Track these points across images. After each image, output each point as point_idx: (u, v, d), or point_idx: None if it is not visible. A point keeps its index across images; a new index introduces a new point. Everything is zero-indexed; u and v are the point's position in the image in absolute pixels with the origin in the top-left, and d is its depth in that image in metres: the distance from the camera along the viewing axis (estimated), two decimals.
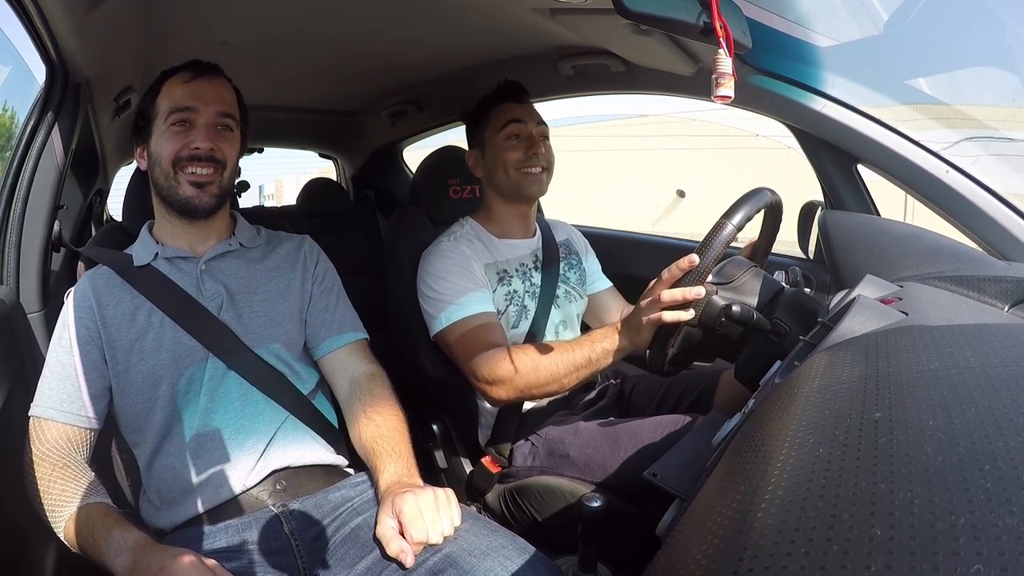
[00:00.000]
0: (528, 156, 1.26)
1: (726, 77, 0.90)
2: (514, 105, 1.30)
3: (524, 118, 1.28)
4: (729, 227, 0.82)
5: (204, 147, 0.93)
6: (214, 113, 0.95)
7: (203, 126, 0.94)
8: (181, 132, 0.94)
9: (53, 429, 0.87)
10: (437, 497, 0.78)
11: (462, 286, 1.17)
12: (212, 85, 0.97)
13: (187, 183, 0.94)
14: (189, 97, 0.94)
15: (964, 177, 1.09)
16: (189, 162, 0.93)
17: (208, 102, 0.95)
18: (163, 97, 0.96)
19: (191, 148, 0.93)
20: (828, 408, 0.40)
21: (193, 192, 0.94)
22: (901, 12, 1.30)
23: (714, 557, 0.30)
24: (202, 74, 0.97)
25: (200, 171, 0.94)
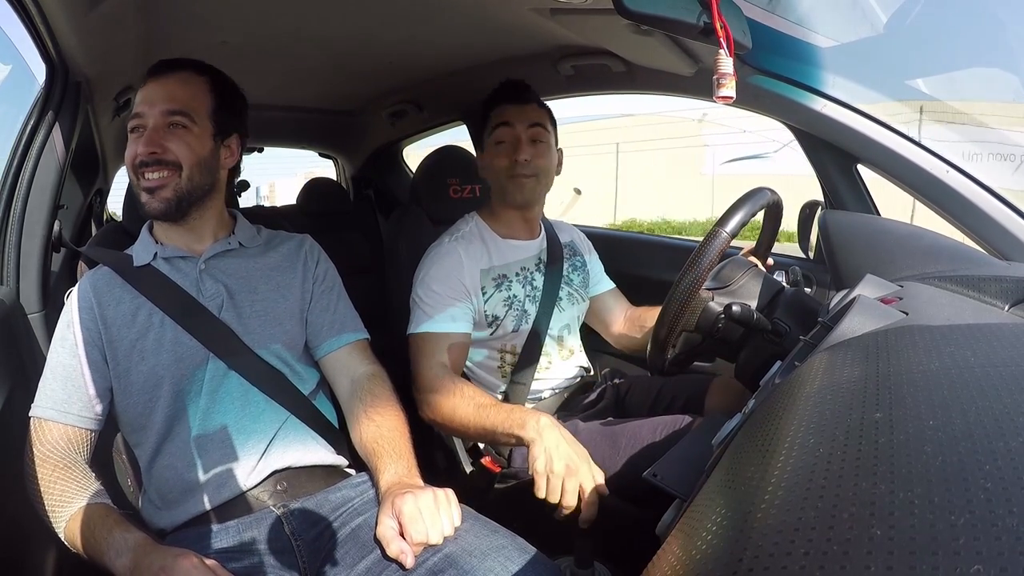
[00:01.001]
0: (511, 162, 1.22)
1: (727, 77, 0.91)
2: (509, 106, 1.25)
3: (513, 120, 1.23)
4: (723, 234, 0.82)
5: (142, 152, 0.91)
6: (159, 113, 0.92)
7: (150, 130, 0.92)
8: (135, 139, 0.93)
9: (54, 430, 0.87)
10: (437, 497, 0.78)
11: (442, 300, 1.17)
12: (161, 84, 0.94)
13: (143, 189, 0.93)
14: (141, 102, 0.93)
15: (964, 177, 1.10)
16: (142, 167, 0.92)
17: (154, 103, 0.92)
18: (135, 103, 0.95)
19: (137, 154, 0.92)
20: (828, 408, 0.40)
21: (146, 198, 0.93)
22: (901, 12, 1.30)
23: (714, 557, 0.30)
24: (156, 75, 0.95)
25: (151, 176, 0.91)
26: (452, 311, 1.17)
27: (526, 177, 1.23)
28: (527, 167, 1.22)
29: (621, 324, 1.41)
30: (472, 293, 1.20)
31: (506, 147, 1.23)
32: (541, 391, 1.30)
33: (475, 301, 1.21)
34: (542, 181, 1.26)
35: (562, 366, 1.32)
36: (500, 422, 1.01)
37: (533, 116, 1.25)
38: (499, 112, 1.26)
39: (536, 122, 1.25)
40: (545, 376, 1.29)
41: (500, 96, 1.28)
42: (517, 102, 1.26)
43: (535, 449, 0.93)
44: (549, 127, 1.27)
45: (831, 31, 1.25)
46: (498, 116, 1.26)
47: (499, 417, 1.01)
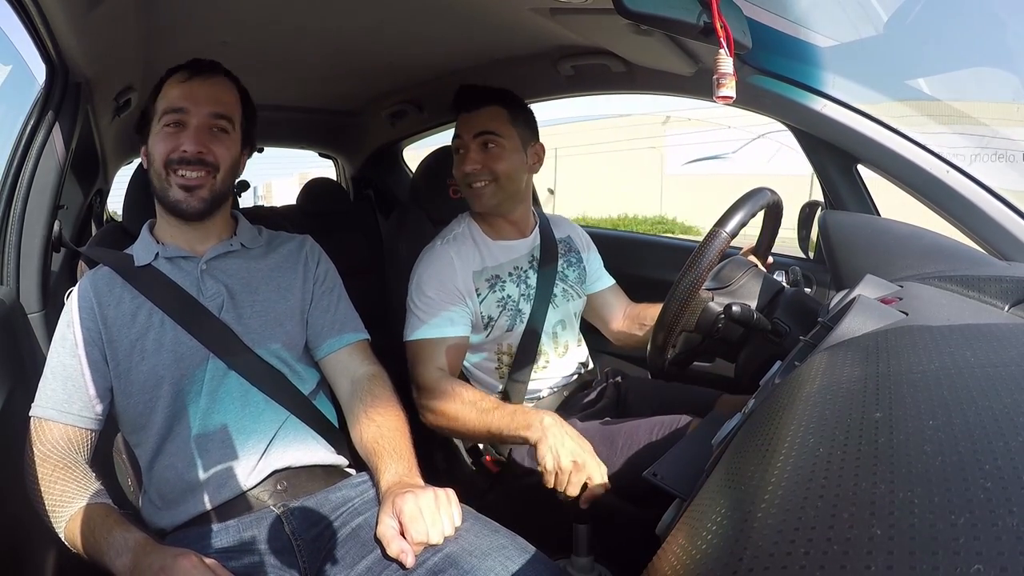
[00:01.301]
0: (461, 174, 1.23)
1: (727, 77, 0.91)
2: (463, 115, 1.24)
3: (461, 131, 1.23)
4: (722, 235, 0.82)
5: (191, 150, 0.92)
6: (206, 114, 0.94)
7: (194, 128, 0.93)
8: (173, 133, 0.93)
9: (54, 429, 0.87)
10: (438, 497, 0.78)
11: (437, 304, 1.17)
12: (207, 85, 0.95)
13: (177, 186, 0.93)
14: (182, 98, 0.93)
15: (964, 177, 1.10)
16: (179, 165, 0.92)
17: (200, 103, 0.94)
18: (161, 97, 0.95)
19: (180, 151, 0.92)
20: (828, 408, 0.40)
21: (182, 196, 0.93)
22: (901, 12, 1.30)
23: (714, 557, 0.30)
24: (198, 73, 0.95)
25: (190, 174, 0.93)
26: (447, 315, 1.17)
27: (482, 185, 1.21)
28: (479, 175, 1.21)
29: (621, 321, 1.41)
30: (467, 295, 1.20)
31: (460, 157, 1.24)
32: (540, 390, 1.30)
33: (470, 303, 1.21)
34: (503, 185, 1.22)
35: (559, 364, 1.31)
36: (505, 424, 1.02)
37: (482, 123, 1.22)
38: (457, 122, 1.26)
39: (484, 130, 1.21)
40: (543, 375, 1.29)
41: (456, 104, 1.26)
42: (467, 110, 1.24)
43: (542, 448, 0.95)
44: (507, 128, 1.23)
45: (831, 31, 1.25)
46: (457, 125, 1.26)
47: (503, 420, 1.03)
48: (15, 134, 1.09)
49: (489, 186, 1.22)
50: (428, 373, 1.13)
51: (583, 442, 0.97)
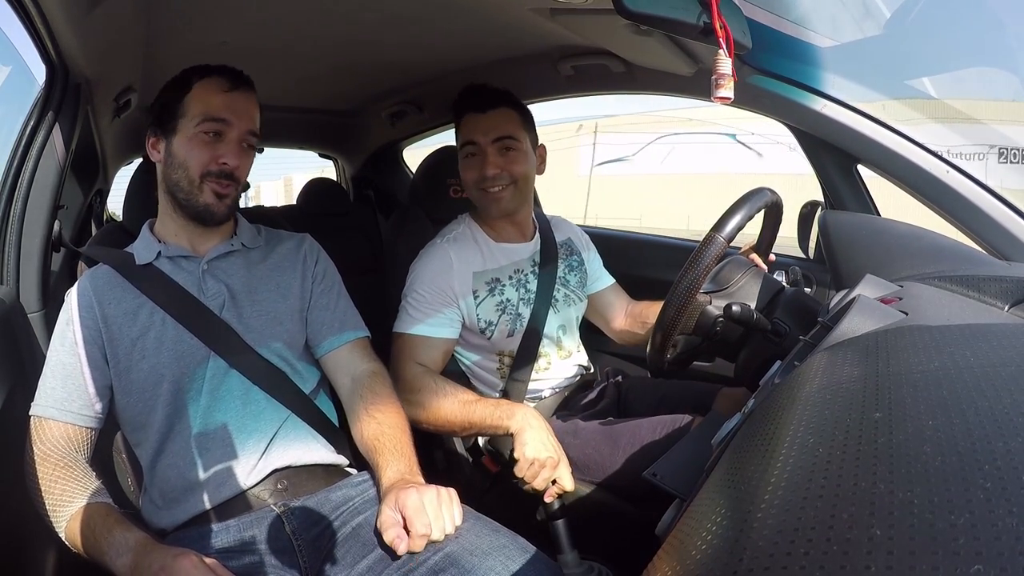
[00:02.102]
0: (480, 178, 1.19)
1: (726, 78, 0.91)
2: (474, 116, 1.21)
3: (476, 136, 1.20)
4: (719, 240, 0.81)
5: (233, 164, 0.94)
6: (245, 131, 0.96)
7: (234, 141, 0.95)
8: (211, 143, 0.93)
9: (54, 428, 0.87)
10: (440, 495, 0.78)
11: (429, 304, 1.17)
12: (246, 99, 0.97)
13: (211, 192, 0.94)
14: (225, 108, 0.94)
15: (964, 177, 1.10)
16: (216, 177, 0.94)
17: (241, 118, 0.95)
18: (196, 99, 0.94)
19: (220, 163, 0.93)
20: (828, 408, 0.40)
21: (214, 200, 0.94)
22: (901, 12, 1.30)
23: (714, 557, 0.30)
24: (240, 86, 0.97)
25: (224, 183, 0.95)
26: (437, 316, 1.17)
27: (502, 188, 1.20)
28: (498, 179, 1.19)
29: (623, 320, 1.41)
30: (460, 297, 1.19)
31: (476, 159, 1.21)
32: (541, 390, 1.30)
33: (463, 305, 1.20)
34: (520, 187, 1.22)
35: (561, 366, 1.31)
36: (488, 415, 1.06)
37: (498, 126, 1.20)
38: (465, 123, 1.23)
39: (502, 134, 1.20)
40: (544, 376, 1.29)
41: (463, 105, 1.23)
42: (479, 110, 1.21)
43: (524, 436, 1.01)
44: (521, 131, 1.22)
45: (831, 31, 1.25)
46: (464, 128, 1.23)
47: (486, 410, 1.06)
48: (15, 134, 1.09)
49: (507, 189, 1.21)
50: (410, 368, 1.14)
51: (558, 444, 1.03)
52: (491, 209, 1.22)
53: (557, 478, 1.01)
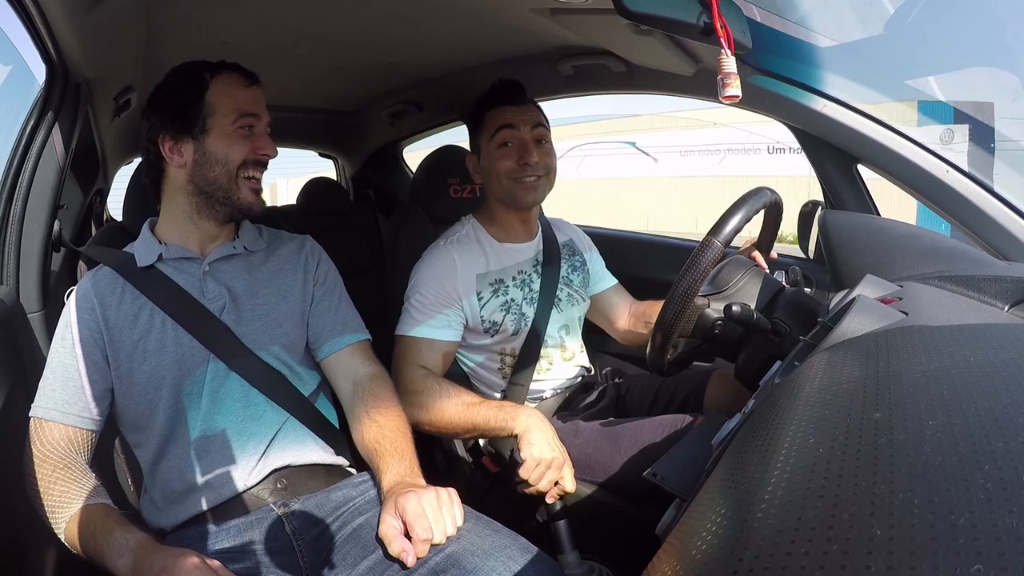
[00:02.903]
0: (520, 165, 1.20)
1: (732, 77, 0.90)
2: (509, 108, 1.23)
3: (516, 123, 1.21)
4: (715, 244, 0.81)
5: (272, 153, 0.97)
6: (267, 122, 0.99)
7: (263, 133, 0.98)
8: (247, 136, 0.95)
9: (54, 430, 0.87)
10: (440, 497, 0.78)
11: (432, 306, 1.17)
12: (261, 93, 1.00)
13: (248, 188, 0.96)
14: (254, 103, 0.97)
15: (964, 177, 1.10)
16: (253, 167, 0.96)
17: (264, 110, 0.99)
18: (221, 96, 0.94)
19: (259, 153, 0.96)
20: (828, 408, 0.40)
21: (254, 199, 0.97)
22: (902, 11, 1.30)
23: (714, 557, 0.30)
24: (256, 82, 0.99)
25: (257, 176, 0.97)
26: (439, 318, 1.17)
27: (537, 178, 1.22)
28: (536, 169, 1.21)
29: (626, 320, 1.41)
30: (463, 298, 1.19)
31: (512, 149, 1.21)
32: (543, 391, 1.30)
33: (467, 307, 1.20)
34: (550, 180, 1.25)
35: (563, 366, 1.31)
36: (491, 416, 1.06)
37: (535, 117, 1.24)
38: (498, 114, 1.24)
39: (539, 123, 1.24)
40: (546, 377, 1.29)
41: (497, 98, 1.25)
42: (516, 103, 1.24)
43: (530, 437, 1.02)
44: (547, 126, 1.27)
45: (830, 31, 1.25)
46: (499, 118, 1.23)
47: (489, 412, 1.06)
48: (15, 134, 1.09)
49: (541, 180, 1.22)
50: (412, 371, 1.14)
51: (561, 446, 1.03)
52: (525, 199, 1.22)
53: (559, 479, 1.01)
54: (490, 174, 1.25)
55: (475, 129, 1.29)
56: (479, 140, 1.27)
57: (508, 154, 1.21)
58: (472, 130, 1.31)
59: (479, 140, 1.27)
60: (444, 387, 1.11)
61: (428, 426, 1.11)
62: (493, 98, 1.25)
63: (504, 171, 1.22)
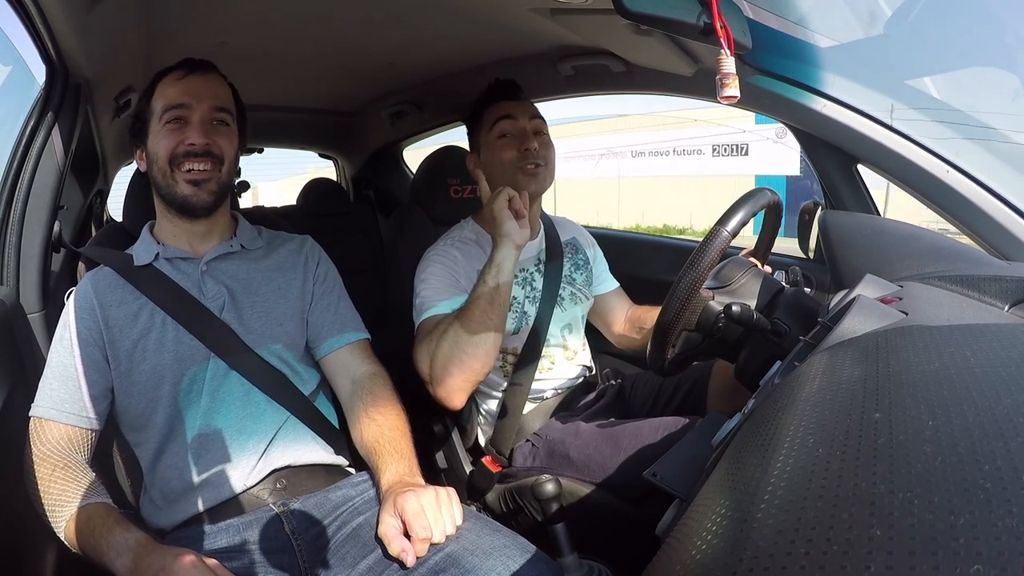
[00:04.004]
0: (523, 153, 1.21)
1: (730, 77, 0.90)
2: (508, 102, 1.25)
3: (515, 114, 1.24)
4: (723, 233, 0.82)
5: (199, 142, 0.93)
6: (208, 108, 0.94)
7: (198, 122, 0.94)
8: (176, 129, 0.93)
9: (54, 429, 0.87)
10: (439, 496, 0.78)
11: (442, 290, 1.16)
12: (205, 80, 0.96)
13: (184, 181, 0.93)
14: (183, 94, 0.94)
15: (964, 177, 1.09)
16: (185, 159, 0.93)
17: (202, 98, 0.94)
18: (157, 97, 0.95)
19: (186, 144, 0.93)
20: (828, 408, 0.40)
21: (191, 190, 0.94)
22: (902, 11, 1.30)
23: (714, 557, 0.30)
24: (195, 70, 0.96)
25: (197, 167, 0.93)
26: (449, 302, 1.15)
27: (536, 166, 1.22)
28: (536, 156, 1.22)
29: (622, 324, 1.41)
30: (467, 291, 1.19)
31: (511, 139, 1.22)
32: (544, 391, 1.30)
33: (465, 296, 1.20)
34: (550, 171, 1.26)
35: (565, 366, 1.31)
36: (484, 279, 1.07)
37: (532, 109, 1.27)
38: (498, 108, 1.25)
39: (536, 114, 1.26)
40: (548, 376, 1.29)
41: (496, 95, 1.27)
42: (514, 98, 1.27)
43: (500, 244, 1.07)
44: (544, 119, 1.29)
45: (830, 31, 1.25)
46: (498, 112, 1.25)
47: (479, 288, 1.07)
48: (15, 134, 1.09)
49: (541, 169, 1.23)
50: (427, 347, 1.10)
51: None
52: (528, 185, 1.23)
53: None
54: (492, 166, 1.25)
55: (474, 127, 1.30)
56: (478, 136, 1.28)
57: (509, 144, 1.23)
58: (471, 129, 1.32)
59: (478, 136, 1.28)
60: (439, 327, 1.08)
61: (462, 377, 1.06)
62: (493, 94, 1.27)
63: (507, 160, 1.22)
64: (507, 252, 1.07)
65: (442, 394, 1.08)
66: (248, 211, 1.74)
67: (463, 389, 1.08)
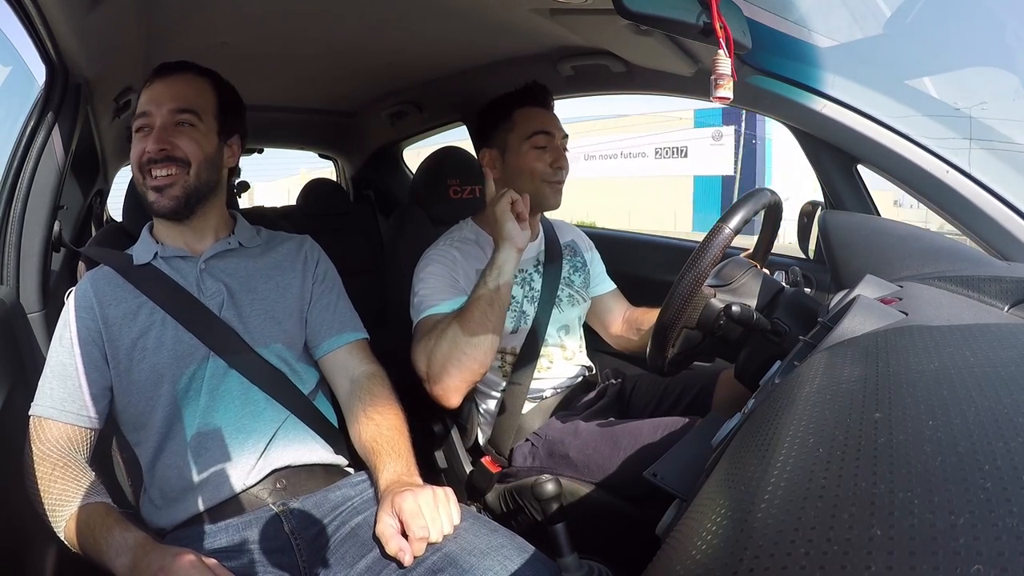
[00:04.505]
0: (555, 168, 1.25)
1: (725, 78, 0.91)
2: (541, 112, 1.27)
3: (552, 129, 1.26)
4: (726, 231, 0.82)
5: (152, 149, 0.92)
6: (168, 112, 0.93)
7: (158, 128, 0.93)
8: (143, 138, 0.94)
9: (53, 429, 0.87)
10: (436, 496, 0.78)
11: (440, 289, 1.16)
12: (167, 84, 0.95)
13: (150, 188, 0.94)
14: (147, 102, 0.95)
15: (964, 177, 1.09)
16: (151, 165, 0.93)
17: (161, 103, 0.94)
18: (139, 103, 0.97)
19: (147, 153, 0.93)
20: (828, 408, 0.40)
21: (155, 196, 0.94)
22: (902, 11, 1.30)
23: (714, 557, 0.30)
24: (160, 75, 0.96)
25: (160, 173, 0.93)
26: (452, 300, 1.16)
27: (559, 184, 1.27)
28: (564, 173, 1.27)
29: (619, 325, 1.42)
30: (466, 291, 1.19)
31: (548, 152, 1.25)
32: (543, 390, 1.30)
33: (465, 297, 1.20)
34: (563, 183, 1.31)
35: (564, 366, 1.32)
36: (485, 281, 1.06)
37: (562, 129, 1.29)
38: (533, 117, 1.26)
39: (566, 134, 1.29)
40: (547, 376, 1.29)
41: (531, 99, 1.28)
42: (547, 107, 1.29)
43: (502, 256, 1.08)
44: None
45: (831, 31, 1.25)
46: (534, 122, 1.26)
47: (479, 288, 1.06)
48: (15, 134, 1.09)
49: (562, 186, 1.28)
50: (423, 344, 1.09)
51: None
52: (551, 200, 1.28)
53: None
54: (520, 171, 1.25)
55: (500, 124, 1.28)
56: (506, 136, 1.27)
57: (544, 156, 1.25)
58: (495, 124, 1.30)
59: (506, 136, 1.27)
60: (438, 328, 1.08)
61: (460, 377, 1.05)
62: (527, 97, 1.29)
63: (539, 172, 1.25)
64: (508, 254, 1.07)
65: (439, 392, 1.07)
66: (248, 211, 1.74)
67: (459, 388, 1.08)
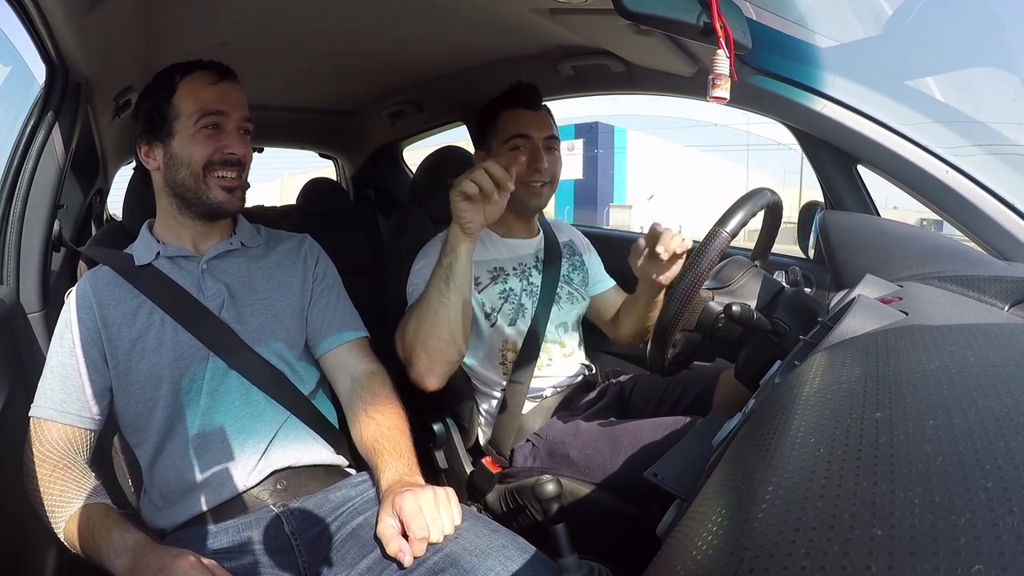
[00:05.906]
0: (531, 171, 1.23)
1: (722, 78, 0.91)
2: (524, 113, 1.26)
3: (530, 131, 1.25)
4: (723, 234, 0.82)
5: (240, 152, 0.95)
6: (241, 118, 0.96)
7: (233, 130, 0.95)
8: (213, 136, 0.94)
9: (53, 430, 0.87)
10: (437, 496, 0.78)
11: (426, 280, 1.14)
12: (235, 89, 0.97)
13: (218, 188, 0.94)
14: (220, 100, 0.95)
15: (964, 177, 1.10)
16: (221, 166, 0.94)
17: (235, 107, 0.96)
18: (186, 97, 0.94)
19: (225, 153, 0.94)
20: (828, 408, 0.40)
21: (225, 197, 0.95)
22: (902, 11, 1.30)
23: (714, 557, 0.30)
24: (226, 77, 0.97)
25: (230, 175, 0.95)
26: None
27: (542, 185, 1.26)
28: (543, 175, 1.25)
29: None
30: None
31: (522, 153, 1.23)
32: (543, 389, 1.30)
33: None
34: (554, 186, 1.30)
35: (563, 364, 1.32)
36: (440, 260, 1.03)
37: (548, 126, 1.28)
38: (514, 117, 1.26)
39: (551, 134, 1.28)
40: (547, 374, 1.29)
41: (514, 100, 1.27)
42: (532, 108, 1.27)
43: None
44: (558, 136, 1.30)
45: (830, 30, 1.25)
46: (514, 123, 1.25)
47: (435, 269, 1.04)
48: (15, 134, 1.09)
49: (546, 187, 1.27)
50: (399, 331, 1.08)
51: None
52: (531, 203, 1.27)
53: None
54: None
55: (487, 127, 1.30)
56: (491, 139, 1.28)
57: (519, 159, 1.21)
58: (483, 128, 1.31)
59: (491, 139, 1.28)
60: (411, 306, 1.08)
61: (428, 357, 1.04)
62: (511, 99, 1.28)
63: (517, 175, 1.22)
64: (455, 233, 1.02)
65: (414, 376, 1.07)
66: (248, 210, 1.74)
67: (432, 371, 1.06)
